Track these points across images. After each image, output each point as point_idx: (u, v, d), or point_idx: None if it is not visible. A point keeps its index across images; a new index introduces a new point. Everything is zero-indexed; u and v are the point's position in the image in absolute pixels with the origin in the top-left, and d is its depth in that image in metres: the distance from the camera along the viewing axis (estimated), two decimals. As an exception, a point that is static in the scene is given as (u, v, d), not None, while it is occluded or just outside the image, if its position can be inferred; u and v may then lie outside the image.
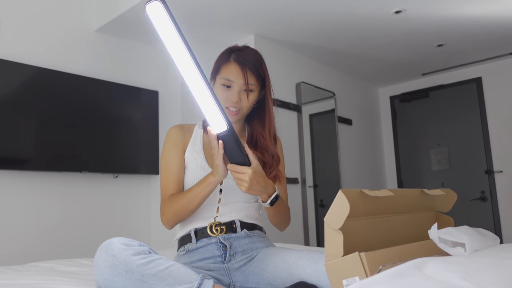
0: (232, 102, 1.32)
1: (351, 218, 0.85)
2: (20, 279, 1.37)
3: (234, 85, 1.33)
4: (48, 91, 2.69)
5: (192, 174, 1.34)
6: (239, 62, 1.34)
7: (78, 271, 1.65)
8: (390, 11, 3.00)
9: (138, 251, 1.00)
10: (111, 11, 2.93)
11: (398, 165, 4.75)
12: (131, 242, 1.03)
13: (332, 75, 4.20)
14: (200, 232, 1.28)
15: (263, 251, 1.25)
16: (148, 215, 3.24)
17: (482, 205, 4.10)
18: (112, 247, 0.99)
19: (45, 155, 2.65)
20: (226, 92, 1.33)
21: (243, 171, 1.12)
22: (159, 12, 1.06)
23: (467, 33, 3.46)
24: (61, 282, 1.32)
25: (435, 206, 1.16)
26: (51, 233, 2.69)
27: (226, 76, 1.34)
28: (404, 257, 0.86)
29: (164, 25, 1.07)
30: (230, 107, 1.32)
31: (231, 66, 1.34)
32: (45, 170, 2.66)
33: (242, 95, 1.33)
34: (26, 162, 2.58)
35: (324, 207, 3.70)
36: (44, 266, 1.74)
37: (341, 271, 0.84)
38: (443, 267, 0.70)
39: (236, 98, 1.32)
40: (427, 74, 4.52)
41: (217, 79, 1.37)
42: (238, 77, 1.32)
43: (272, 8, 2.90)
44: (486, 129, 4.14)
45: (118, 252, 0.98)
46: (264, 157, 1.38)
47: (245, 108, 1.35)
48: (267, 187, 1.19)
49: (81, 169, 2.78)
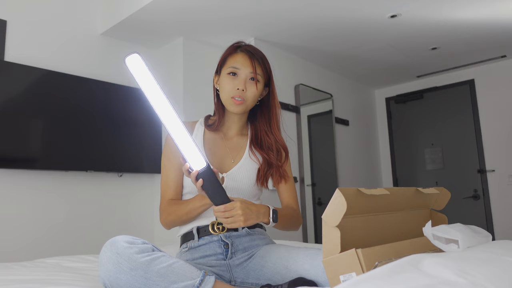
0: (238, 90, 1.29)
1: (348, 216, 0.85)
2: (28, 274, 1.37)
3: (240, 73, 1.31)
4: (55, 93, 2.69)
5: None
6: (247, 52, 1.33)
7: (83, 267, 1.65)
8: (386, 15, 3.00)
9: (142, 249, 1.00)
10: (115, 15, 2.93)
11: (393, 164, 4.74)
12: (135, 240, 1.02)
13: (329, 77, 4.20)
14: (202, 230, 1.27)
15: (263, 248, 1.25)
16: (151, 212, 3.24)
17: (475, 203, 4.10)
18: (116, 245, 0.99)
19: (52, 154, 2.65)
20: (233, 81, 1.30)
21: (231, 207, 1.10)
22: (137, 63, 1.15)
23: (460, 37, 3.46)
24: (67, 277, 1.32)
25: (429, 204, 1.16)
26: (57, 230, 2.69)
27: (232, 64, 1.32)
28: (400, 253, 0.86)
29: (142, 74, 1.15)
30: (236, 96, 1.29)
31: (238, 56, 1.33)
32: (52, 169, 2.66)
33: (248, 84, 1.31)
34: (33, 162, 2.58)
35: (322, 205, 3.70)
36: (50, 262, 1.73)
37: (338, 267, 0.84)
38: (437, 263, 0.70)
39: (242, 86, 1.29)
40: (422, 76, 4.52)
41: (223, 71, 1.34)
42: (245, 65, 1.31)
43: (272, 12, 2.90)
44: (479, 129, 4.14)
45: (122, 250, 0.98)
46: (270, 157, 1.36)
47: (250, 99, 1.32)
48: (260, 209, 1.18)
49: (87, 169, 2.78)
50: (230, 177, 1.31)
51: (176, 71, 3.24)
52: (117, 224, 3.00)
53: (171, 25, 3.00)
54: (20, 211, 2.55)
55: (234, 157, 1.37)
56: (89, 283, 1.25)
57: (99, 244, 3.03)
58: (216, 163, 1.33)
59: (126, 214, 3.07)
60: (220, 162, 1.34)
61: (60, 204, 2.72)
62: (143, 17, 2.82)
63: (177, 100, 3.15)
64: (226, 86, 1.31)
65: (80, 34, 2.97)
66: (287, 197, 1.42)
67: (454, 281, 0.63)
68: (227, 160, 1.36)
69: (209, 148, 1.35)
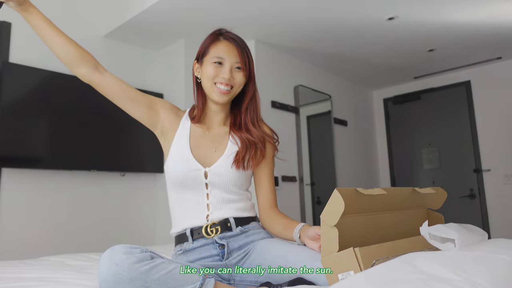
0: (223, 79, 1.24)
1: (346, 215, 0.86)
2: (31, 272, 1.37)
3: (225, 62, 1.25)
4: (59, 94, 2.69)
5: (176, 165, 1.25)
6: (230, 40, 1.28)
7: (86, 265, 1.65)
8: (384, 17, 3.00)
9: (141, 258, 0.97)
10: (118, 18, 2.93)
11: (391, 164, 4.74)
12: (133, 249, 0.98)
13: (328, 79, 4.20)
14: (196, 232, 1.23)
15: (259, 244, 1.21)
16: (153, 211, 3.24)
17: (471, 202, 4.10)
18: (114, 256, 0.95)
19: (55, 154, 2.65)
20: (217, 69, 1.25)
21: None
22: None
23: (457, 39, 3.46)
24: (71, 275, 1.32)
25: (426, 203, 1.16)
26: (61, 228, 2.69)
27: (216, 54, 1.26)
28: (397, 252, 0.86)
29: None
30: (220, 84, 1.24)
31: (221, 44, 1.27)
32: (56, 169, 2.66)
33: (235, 72, 1.26)
34: (37, 161, 2.58)
35: (321, 204, 3.70)
36: (54, 260, 1.73)
37: (336, 265, 0.84)
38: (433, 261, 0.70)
39: (228, 75, 1.24)
40: (419, 77, 4.51)
41: (205, 60, 1.28)
42: (230, 54, 1.26)
43: (272, 15, 2.90)
44: (475, 129, 4.14)
45: (120, 261, 0.94)
46: (253, 137, 1.30)
47: (237, 86, 1.27)
48: None
49: (90, 168, 2.78)
50: (213, 174, 1.25)
51: (177, 72, 3.24)
52: (119, 222, 3.00)
53: (173, 27, 3.00)
54: (25, 210, 2.55)
55: (217, 147, 1.30)
56: (93, 282, 1.25)
57: (102, 242, 3.04)
58: (201, 156, 1.27)
59: (128, 213, 3.07)
60: (204, 155, 1.28)
61: (64, 203, 2.72)
62: (146, 19, 2.82)
63: (178, 101, 3.15)
64: (210, 73, 1.25)
65: (83, 36, 2.96)
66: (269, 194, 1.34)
67: (449, 278, 0.63)
68: (210, 152, 1.29)
69: (195, 143, 1.29)
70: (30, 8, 1.24)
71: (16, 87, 2.51)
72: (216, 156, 1.28)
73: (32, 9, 1.24)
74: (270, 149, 1.37)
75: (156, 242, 3.14)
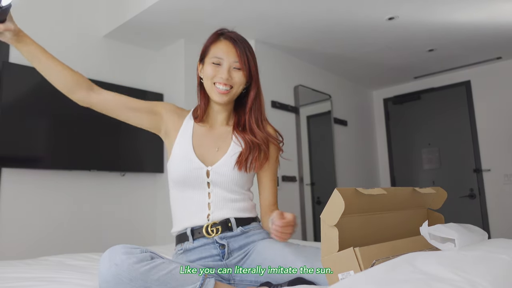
0: (221, 79, 1.23)
1: (346, 215, 0.85)
2: (31, 272, 1.37)
3: (223, 62, 1.25)
4: (59, 94, 2.67)
5: (179, 164, 1.25)
6: (230, 39, 1.27)
7: (86, 265, 1.64)
8: (384, 17, 3.00)
9: (141, 258, 0.96)
10: (118, 18, 2.93)
11: (391, 164, 4.74)
12: (133, 249, 0.98)
13: (328, 79, 4.20)
14: (197, 232, 1.23)
15: (259, 244, 1.21)
16: (153, 211, 3.24)
17: (471, 202, 4.10)
18: (114, 256, 0.95)
19: (56, 154, 2.65)
20: (216, 69, 1.25)
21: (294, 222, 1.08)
22: None
23: (456, 39, 3.46)
24: (70, 275, 1.32)
25: (426, 203, 1.16)
26: (61, 228, 2.69)
27: (215, 54, 1.25)
28: (397, 252, 0.86)
29: None
30: (219, 84, 1.24)
31: (221, 44, 1.27)
32: (56, 169, 2.66)
33: (233, 72, 1.25)
34: (38, 161, 2.58)
35: (321, 204, 3.70)
36: (53, 260, 1.73)
37: (336, 265, 0.84)
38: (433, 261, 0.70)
39: (225, 75, 1.23)
40: (419, 77, 4.51)
41: (206, 61, 1.28)
42: (228, 54, 1.25)
43: (272, 15, 2.90)
44: (475, 129, 4.14)
45: (120, 261, 0.94)
46: (257, 138, 1.29)
47: (237, 86, 1.26)
48: None
49: (90, 168, 2.78)
50: (215, 173, 1.25)
51: (177, 72, 3.24)
52: (119, 222, 3.00)
53: (172, 27, 3.00)
54: (25, 210, 2.55)
55: (219, 146, 1.30)
56: (92, 282, 1.24)
57: (102, 242, 3.04)
58: (203, 155, 1.27)
59: (128, 213, 3.07)
60: (207, 154, 1.28)
61: (64, 202, 2.72)
62: (146, 19, 2.82)
63: (178, 101, 3.14)
64: (209, 73, 1.25)
65: (83, 36, 2.97)
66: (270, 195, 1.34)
67: (449, 278, 0.63)
68: (212, 151, 1.29)
69: (197, 142, 1.29)
70: (25, 38, 1.24)
71: (16, 87, 2.51)
72: (218, 155, 1.28)
73: (27, 39, 1.24)
74: (273, 150, 1.36)
75: (156, 242, 3.14)
